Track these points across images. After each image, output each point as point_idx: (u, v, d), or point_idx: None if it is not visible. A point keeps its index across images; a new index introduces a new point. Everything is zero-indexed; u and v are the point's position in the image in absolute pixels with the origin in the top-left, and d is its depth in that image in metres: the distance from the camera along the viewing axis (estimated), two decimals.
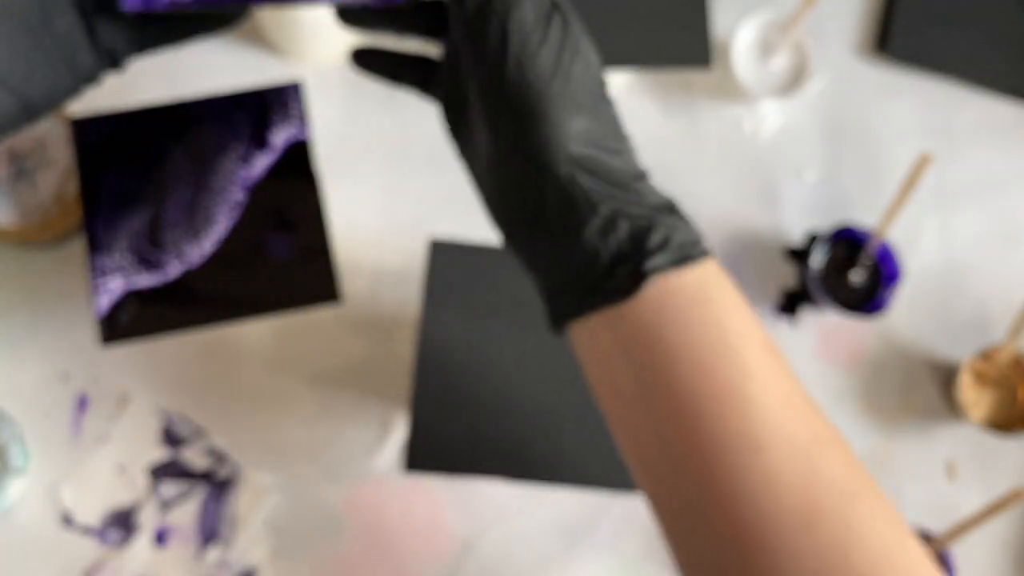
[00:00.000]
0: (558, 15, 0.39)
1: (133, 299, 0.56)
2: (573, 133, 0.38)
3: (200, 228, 0.58)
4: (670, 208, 0.40)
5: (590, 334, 0.40)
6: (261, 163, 0.59)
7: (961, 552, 0.68)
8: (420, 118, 0.69)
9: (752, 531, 0.36)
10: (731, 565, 0.36)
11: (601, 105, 0.40)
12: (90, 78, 0.42)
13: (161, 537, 0.63)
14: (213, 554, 0.63)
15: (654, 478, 0.39)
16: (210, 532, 0.63)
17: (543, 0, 0.38)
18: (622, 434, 0.40)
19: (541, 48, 0.38)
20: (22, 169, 0.61)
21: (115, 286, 0.56)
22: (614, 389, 0.40)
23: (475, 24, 0.39)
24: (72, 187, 0.61)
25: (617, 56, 0.66)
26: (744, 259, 0.73)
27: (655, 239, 0.38)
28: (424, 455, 0.57)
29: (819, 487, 0.36)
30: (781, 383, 0.38)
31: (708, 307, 0.38)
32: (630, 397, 0.39)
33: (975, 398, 0.71)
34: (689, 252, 0.39)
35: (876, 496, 0.37)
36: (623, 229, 0.38)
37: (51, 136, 0.61)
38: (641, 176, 0.40)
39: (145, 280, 0.57)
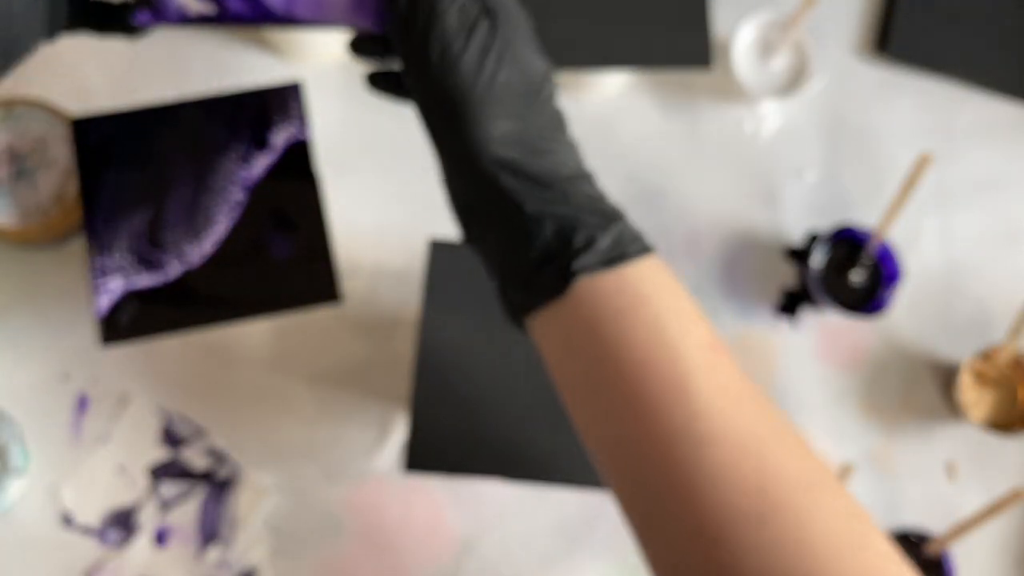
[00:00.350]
0: (485, 23, 0.40)
1: (133, 299, 0.56)
2: (496, 136, 0.40)
3: (200, 228, 0.58)
4: (601, 207, 0.41)
5: (542, 330, 0.41)
6: (261, 163, 0.59)
7: (961, 552, 0.68)
8: None
9: (707, 524, 0.36)
10: (691, 559, 0.37)
11: (532, 108, 0.41)
12: (31, 50, 0.45)
13: (161, 537, 0.63)
14: (213, 554, 0.63)
15: (613, 472, 0.40)
16: (210, 532, 0.63)
17: (470, 9, 0.40)
18: (580, 427, 0.41)
19: (462, 55, 0.40)
20: (22, 169, 0.61)
21: (115, 286, 0.56)
22: (567, 384, 0.41)
23: (404, 32, 0.41)
24: (72, 187, 0.61)
25: (617, 56, 0.66)
26: (744, 259, 0.73)
27: (579, 239, 0.39)
28: (424, 455, 0.57)
29: (772, 480, 0.36)
30: (725, 378, 0.38)
31: (646, 306, 0.39)
32: (582, 392, 0.40)
33: (975, 398, 0.71)
34: (624, 250, 0.39)
35: (834, 489, 0.37)
36: (548, 229, 0.40)
37: (51, 136, 0.61)
38: (575, 177, 0.41)
39: (145, 280, 0.57)
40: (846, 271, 0.71)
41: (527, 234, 0.40)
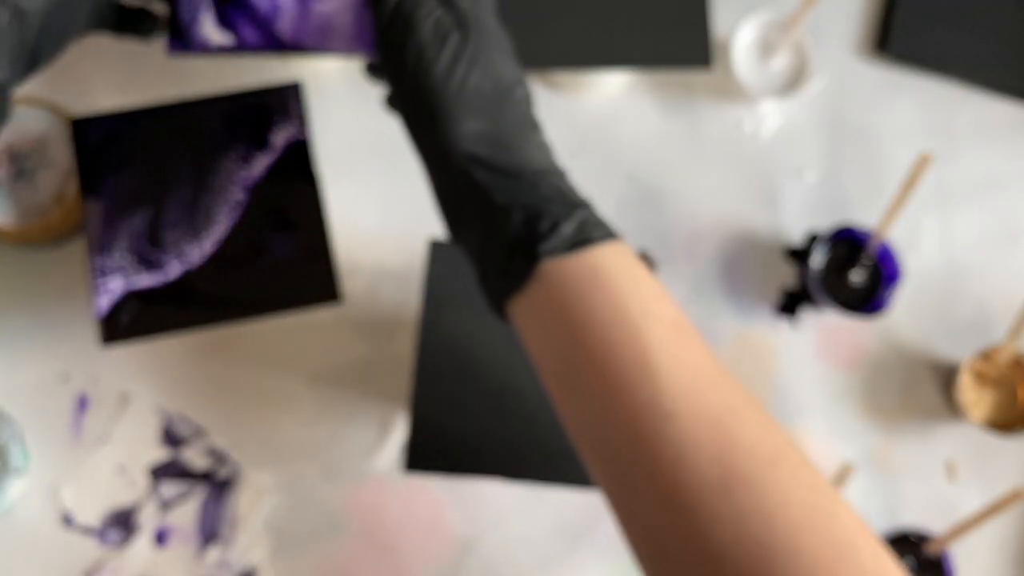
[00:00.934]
0: (457, 34, 0.43)
1: (133, 299, 0.56)
2: (467, 134, 0.43)
3: (200, 228, 0.58)
4: (567, 197, 0.43)
5: (520, 317, 0.43)
6: (261, 163, 0.59)
7: (961, 552, 0.68)
8: None
9: (674, 495, 0.37)
10: (662, 530, 0.38)
11: (503, 110, 0.44)
12: (65, 48, 0.47)
13: (161, 537, 0.63)
14: (213, 554, 0.63)
15: (589, 451, 0.41)
16: (210, 532, 0.63)
17: (444, 22, 0.43)
18: (559, 411, 0.42)
19: (435, 61, 0.43)
20: (22, 169, 0.61)
21: (115, 286, 0.56)
22: (545, 368, 0.42)
23: (384, 42, 0.44)
24: (72, 187, 0.61)
25: (617, 56, 0.66)
26: (744, 259, 0.73)
27: (544, 225, 0.41)
28: (424, 455, 0.57)
29: (735, 453, 0.37)
30: (689, 355, 0.39)
31: (609, 287, 0.40)
32: (557, 375, 0.41)
33: (975, 398, 0.71)
34: (588, 235, 0.41)
35: (798, 462, 0.38)
36: (517, 217, 0.42)
37: (51, 136, 0.61)
38: (544, 171, 0.43)
39: (145, 280, 0.57)
40: (846, 271, 0.71)
41: (499, 224, 0.42)
